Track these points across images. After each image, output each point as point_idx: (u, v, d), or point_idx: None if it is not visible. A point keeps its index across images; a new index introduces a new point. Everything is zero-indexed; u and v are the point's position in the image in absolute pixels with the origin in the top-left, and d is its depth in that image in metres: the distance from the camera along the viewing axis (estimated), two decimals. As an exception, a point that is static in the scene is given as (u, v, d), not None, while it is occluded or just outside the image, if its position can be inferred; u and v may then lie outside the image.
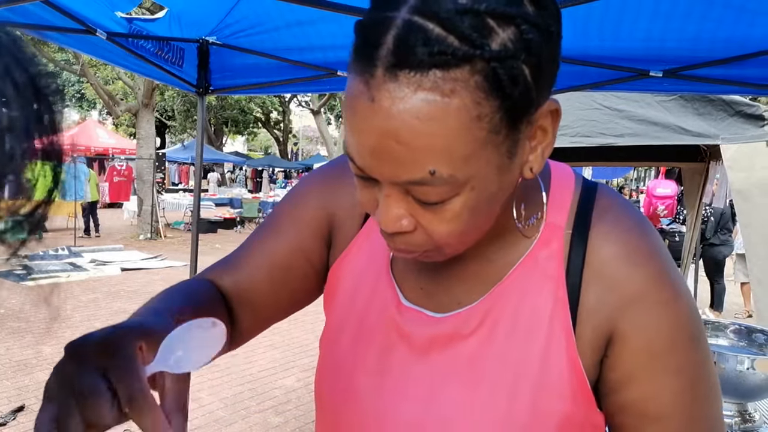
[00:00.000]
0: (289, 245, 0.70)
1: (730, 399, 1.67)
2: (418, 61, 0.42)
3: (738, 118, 3.19)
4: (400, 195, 0.49)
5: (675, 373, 0.56)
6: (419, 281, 0.63)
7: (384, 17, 0.44)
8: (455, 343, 0.59)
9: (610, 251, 0.56)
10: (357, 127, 0.46)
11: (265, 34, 2.68)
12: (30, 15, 2.11)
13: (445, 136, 0.44)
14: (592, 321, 0.56)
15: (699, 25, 2.16)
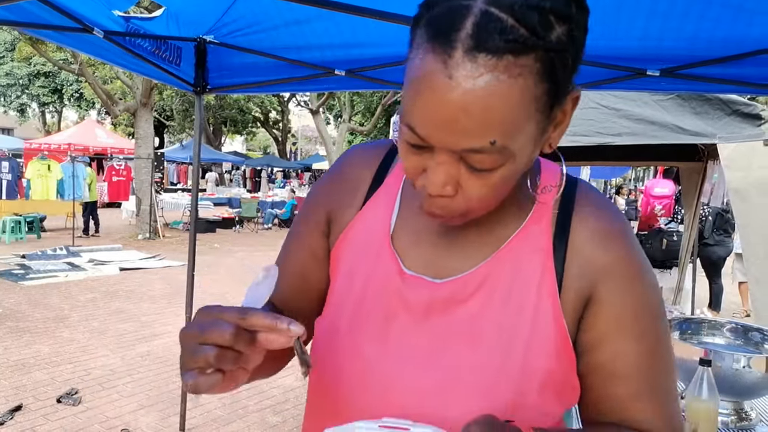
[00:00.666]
0: (302, 251, 0.78)
1: (727, 397, 1.67)
2: (495, 47, 0.50)
3: (735, 117, 3.19)
4: (453, 162, 0.56)
5: (638, 338, 0.66)
6: (420, 252, 0.70)
7: (461, 5, 0.51)
8: (454, 306, 0.66)
9: (588, 232, 0.67)
10: (430, 100, 0.52)
11: (262, 32, 2.67)
12: (27, 14, 2.11)
13: (509, 111, 0.52)
14: (575, 286, 0.65)
15: (696, 24, 2.16)
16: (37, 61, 23.83)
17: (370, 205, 0.74)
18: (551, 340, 0.65)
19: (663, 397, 0.67)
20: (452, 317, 0.66)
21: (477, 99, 0.51)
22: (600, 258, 0.66)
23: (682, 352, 1.70)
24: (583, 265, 0.66)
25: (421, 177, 0.59)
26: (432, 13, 0.53)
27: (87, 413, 3.54)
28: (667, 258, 5.61)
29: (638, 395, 0.66)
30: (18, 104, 27.48)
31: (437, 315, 0.67)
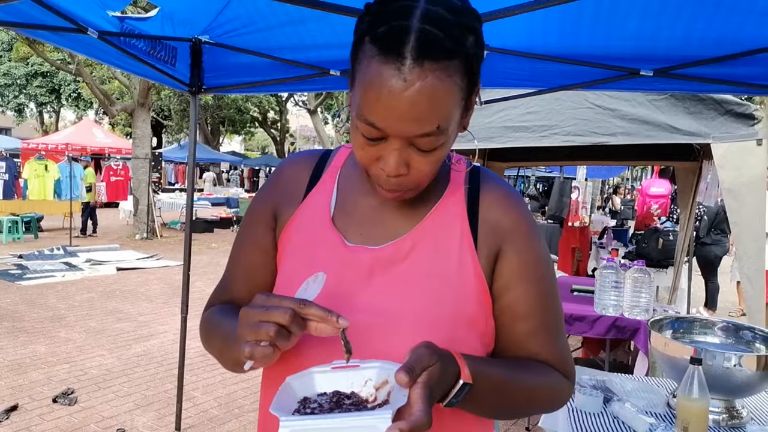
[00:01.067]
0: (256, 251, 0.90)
1: (718, 395, 1.68)
2: (435, 55, 0.65)
3: (728, 117, 3.19)
4: (404, 147, 0.71)
5: (535, 283, 0.83)
6: (358, 228, 0.84)
7: (403, 25, 0.65)
8: (392, 266, 0.80)
9: (493, 201, 0.84)
10: (389, 98, 0.66)
11: (257, 33, 2.67)
12: (21, 14, 2.11)
13: (447, 102, 0.68)
14: (486, 244, 0.82)
15: (689, 24, 2.17)
16: (35, 60, 23.77)
17: (310, 197, 0.88)
18: (474, 288, 0.80)
19: (555, 333, 0.85)
20: (391, 275, 0.79)
21: (426, 94, 0.66)
22: (504, 221, 0.83)
23: (673, 350, 1.71)
24: (492, 227, 0.83)
25: (374, 165, 0.74)
26: (377, 32, 0.67)
27: (83, 413, 3.54)
28: (663, 257, 5.62)
29: (536, 332, 0.83)
30: (15, 104, 27.41)
31: (379, 274, 0.80)
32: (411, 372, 0.62)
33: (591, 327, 3.13)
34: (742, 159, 3.11)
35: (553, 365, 0.83)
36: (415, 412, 0.61)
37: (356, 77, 0.70)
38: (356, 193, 0.86)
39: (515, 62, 2.68)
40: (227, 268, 0.95)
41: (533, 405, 0.83)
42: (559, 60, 2.59)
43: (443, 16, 0.66)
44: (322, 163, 0.91)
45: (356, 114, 0.70)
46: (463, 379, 0.69)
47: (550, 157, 5.64)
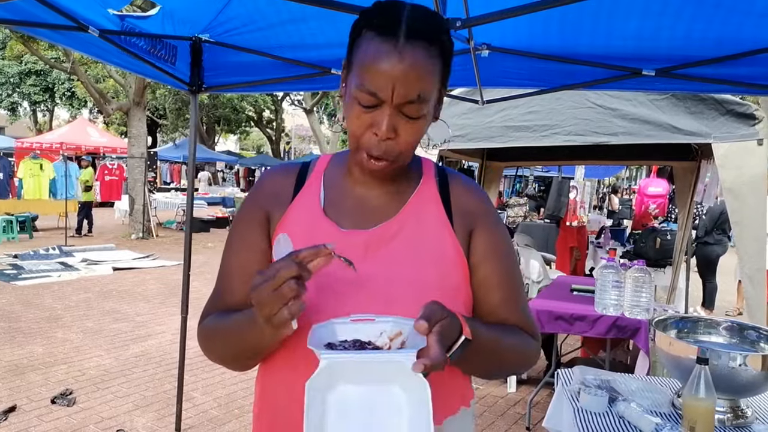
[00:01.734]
0: (251, 252, 0.95)
1: (723, 395, 1.68)
2: (423, 38, 0.82)
3: (729, 117, 3.20)
4: (394, 114, 0.84)
5: (504, 258, 0.98)
6: (350, 216, 0.94)
7: (395, 16, 0.82)
8: (383, 244, 0.91)
9: (462, 189, 0.99)
10: (384, 69, 0.81)
11: (258, 31, 2.66)
12: (22, 12, 2.09)
13: (430, 76, 0.84)
14: (461, 224, 0.95)
15: (690, 24, 2.17)
16: (29, 59, 23.63)
17: (298, 198, 0.97)
18: (454, 260, 0.92)
19: (522, 301, 0.99)
20: (384, 251, 0.90)
21: (414, 66, 0.81)
22: (474, 205, 0.98)
23: (678, 350, 1.71)
24: (464, 210, 0.97)
25: (367, 132, 0.86)
26: (374, 23, 0.83)
27: (81, 414, 3.52)
28: (661, 257, 5.64)
29: (507, 300, 0.96)
30: (9, 103, 27.23)
31: (372, 252, 0.90)
32: (429, 321, 0.72)
33: (592, 326, 3.14)
34: (743, 159, 3.12)
35: (522, 329, 0.97)
36: (433, 352, 0.71)
37: (354, 61, 0.85)
38: (343, 189, 0.97)
39: (516, 62, 2.68)
40: (220, 276, 0.99)
41: (513, 363, 0.97)
42: (560, 59, 2.58)
43: (425, 14, 0.84)
44: (304, 171, 1.01)
45: (356, 86, 0.83)
46: (465, 335, 0.78)
47: (550, 157, 5.65)
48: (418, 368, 0.69)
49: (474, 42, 2.37)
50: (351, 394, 0.73)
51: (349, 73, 0.87)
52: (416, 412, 0.72)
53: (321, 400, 0.72)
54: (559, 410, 2.04)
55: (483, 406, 3.89)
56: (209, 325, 0.94)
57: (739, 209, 3.09)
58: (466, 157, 6.18)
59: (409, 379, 0.71)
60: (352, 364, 0.72)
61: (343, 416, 0.73)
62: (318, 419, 0.71)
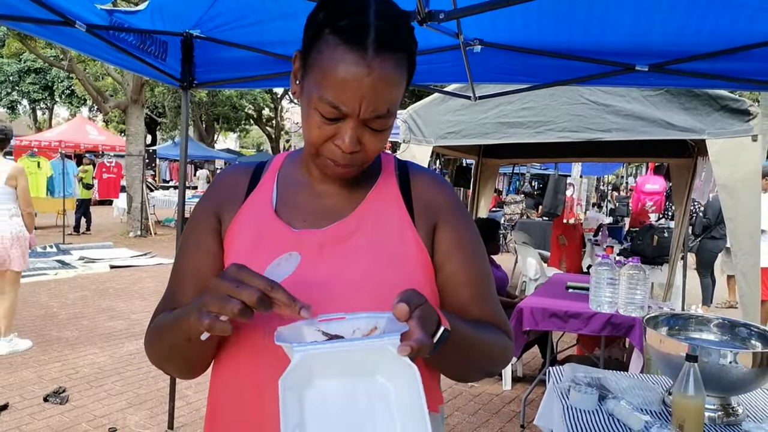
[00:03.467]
0: (201, 254, 0.92)
1: (714, 393, 1.66)
2: (392, 48, 0.76)
3: (724, 113, 3.18)
4: (359, 127, 0.79)
5: (473, 254, 0.93)
6: (302, 216, 0.89)
7: (362, 21, 0.75)
8: (339, 243, 0.86)
9: (425, 183, 0.94)
10: (351, 82, 0.74)
11: (249, 27, 2.64)
12: (7, 6, 2.07)
13: (397, 88, 0.79)
14: (423, 220, 0.90)
15: (683, 19, 2.15)
16: (28, 57, 23.59)
17: (251, 198, 0.93)
18: (417, 258, 0.87)
19: (494, 299, 0.95)
20: (340, 250, 0.85)
21: (385, 80, 0.76)
22: (437, 199, 0.93)
23: (669, 347, 1.69)
24: (426, 205, 0.92)
25: (328, 143, 0.81)
26: (338, 25, 0.75)
27: (74, 412, 3.51)
28: (658, 254, 5.62)
29: (477, 297, 0.91)
30: (8, 101, 27.20)
31: (328, 251, 0.85)
32: (408, 304, 0.67)
33: (586, 324, 3.12)
34: (737, 155, 3.10)
35: (495, 325, 0.92)
36: (417, 334, 0.66)
37: (314, 65, 0.77)
38: (296, 188, 0.93)
39: (509, 57, 2.66)
40: (171, 277, 0.95)
41: (490, 359, 0.91)
42: (553, 55, 2.57)
43: (392, 15, 0.78)
44: (259, 170, 0.97)
45: (317, 97, 0.77)
46: (444, 325, 0.73)
47: (545, 154, 5.64)
48: (404, 351, 0.64)
49: (465, 37, 2.35)
50: (330, 389, 0.67)
51: (307, 73, 0.80)
52: (406, 400, 0.66)
53: (297, 398, 0.66)
54: (550, 408, 2.02)
55: (478, 404, 3.88)
56: (153, 323, 0.91)
57: (733, 206, 3.08)
58: (462, 154, 6.16)
59: (394, 366, 0.66)
60: (329, 355, 0.66)
61: (324, 415, 0.67)
62: (295, 421, 0.64)
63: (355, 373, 0.68)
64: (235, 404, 0.84)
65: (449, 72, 2.88)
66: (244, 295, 0.67)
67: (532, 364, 4.68)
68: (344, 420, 0.67)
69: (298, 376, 0.66)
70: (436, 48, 2.59)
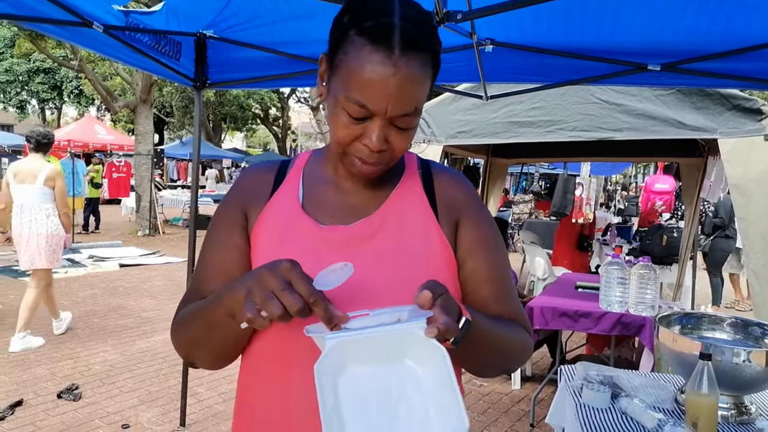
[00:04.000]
0: (228, 249, 0.93)
1: (727, 391, 1.67)
2: (417, 47, 0.77)
3: (736, 112, 3.18)
4: (386, 126, 0.81)
5: (494, 251, 0.94)
6: (328, 213, 0.91)
7: (388, 22, 0.76)
8: (363, 241, 0.88)
9: (447, 182, 0.96)
10: (378, 82, 0.76)
11: (262, 27, 2.66)
12: (26, 7, 2.10)
13: (423, 87, 0.80)
14: (446, 217, 0.92)
15: (695, 18, 2.15)
16: (37, 57, 23.76)
17: (277, 195, 0.94)
18: (441, 254, 0.89)
19: (512, 295, 0.96)
20: (365, 248, 0.87)
21: (409, 79, 0.77)
22: (458, 196, 0.95)
23: (682, 346, 1.70)
24: (449, 203, 0.93)
25: (356, 143, 0.82)
26: (364, 26, 0.77)
27: (87, 408, 3.54)
28: (667, 254, 5.61)
29: (498, 294, 0.93)
30: (18, 101, 27.42)
31: (353, 248, 0.87)
32: (432, 292, 0.69)
33: (596, 323, 3.13)
34: (750, 155, 3.09)
35: (515, 322, 0.94)
36: (442, 319, 0.68)
37: (341, 66, 0.79)
38: (322, 185, 0.94)
39: (521, 57, 2.67)
40: (197, 272, 0.96)
41: (510, 355, 0.92)
42: (564, 54, 2.57)
43: (417, 16, 0.79)
44: (284, 168, 0.99)
45: (345, 97, 0.78)
46: (465, 315, 0.74)
47: (554, 153, 5.63)
48: (432, 332, 0.66)
49: (477, 37, 2.37)
50: (363, 374, 0.70)
51: (333, 75, 0.81)
52: (437, 381, 0.68)
53: (332, 384, 0.68)
54: (561, 406, 2.03)
55: (487, 403, 3.89)
56: (181, 312, 0.92)
57: (745, 205, 3.07)
58: (471, 153, 6.17)
59: (423, 350, 0.68)
60: (360, 342, 0.69)
61: (359, 399, 0.69)
62: (332, 404, 0.67)
63: (386, 358, 0.70)
64: (264, 395, 0.86)
65: (462, 71, 2.90)
66: (287, 301, 0.68)
67: (541, 364, 4.68)
68: (379, 403, 0.70)
69: (332, 363, 0.68)
70: (450, 48, 2.61)
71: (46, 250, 4.54)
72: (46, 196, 4.54)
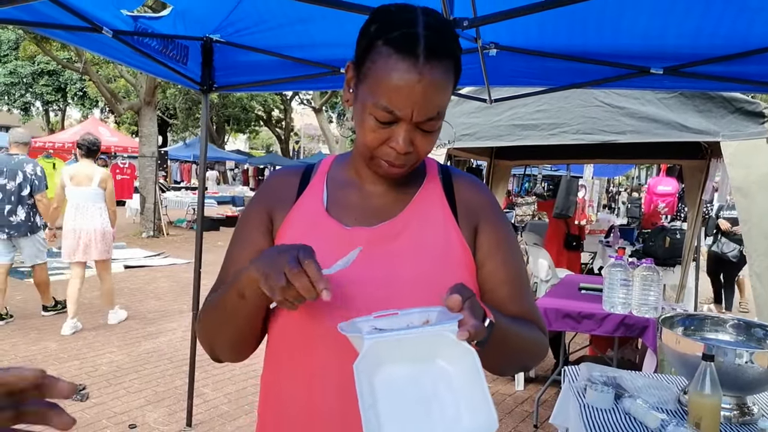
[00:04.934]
0: (251, 250, 0.95)
1: (729, 392, 1.69)
2: (441, 55, 0.82)
3: (738, 115, 3.20)
4: (411, 129, 0.85)
5: (512, 253, 0.98)
6: (353, 216, 0.95)
7: (412, 32, 0.81)
8: (387, 242, 0.91)
9: (466, 186, 1.00)
10: (405, 89, 0.80)
11: (268, 31, 2.69)
12: (38, 13, 2.13)
13: (446, 92, 0.85)
14: (466, 220, 0.96)
15: (699, 22, 2.17)
16: (41, 59, 23.85)
17: (302, 198, 0.98)
18: (461, 256, 0.93)
19: (528, 296, 1.00)
20: (389, 248, 0.91)
21: (433, 86, 0.81)
22: (478, 200, 0.99)
23: (685, 347, 1.71)
24: (468, 206, 0.97)
25: (383, 146, 0.87)
26: (390, 37, 0.81)
27: (95, 409, 3.57)
28: (670, 256, 5.61)
29: (516, 295, 0.97)
30: (22, 103, 27.51)
31: (378, 248, 0.90)
32: (461, 295, 0.73)
33: (599, 325, 3.14)
34: (752, 157, 3.11)
35: (532, 323, 0.97)
36: (472, 322, 0.72)
37: (368, 74, 0.83)
38: (346, 189, 0.98)
39: (525, 60, 2.69)
40: (223, 268, 1.00)
41: (528, 354, 0.96)
42: (568, 58, 2.59)
43: (439, 25, 0.84)
44: (308, 172, 1.02)
45: (373, 103, 0.83)
46: (489, 317, 0.79)
47: (558, 155, 5.65)
48: (463, 335, 0.70)
49: (482, 41, 2.39)
50: (397, 373, 0.74)
51: (360, 82, 0.86)
52: (467, 380, 0.72)
53: (369, 382, 0.72)
54: (565, 407, 2.05)
55: (491, 404, 3.90)
56: (202, 307, 0.97)
57: (748, 208, 3.09)
58: (474, 155, 6.19)
59: (454, 351, 0.72)
60: (396, 343, 0.72)
61: (394, 396, 0.73)
62: (369, 402, 0.71)
63: (419, 358, 0.74)
64: (289, 388, 0.90)
65: (466, 75, 2.89)
66: (304, 291, 0.73)
67: (544, 365, 4.70)
68: (413, 401, 0.73)
69: (369, 362, 0.72)
70: (453, 52, 2.63)
71: (102, 243, 5.21)
72: (98, 196, 5.19)
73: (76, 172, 5.16)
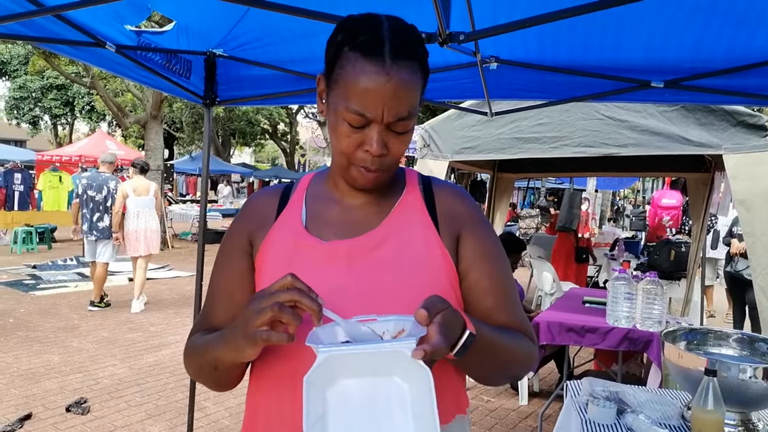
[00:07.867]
0: (233, 276, 0.98)
1: (733, 408, 1.66)
2: (407, 56, 0.84)
3: (740, 128, 3.19)
4: (384, 131, 0.86)
5: (495, 262, 0.97)
6: (332, 229, 0.95)
7: (379, 35, 0.83)
8: (367, 253, 0.91)
9: (448, 195, 1.00)
10: (374, 90, 0.82)
11: (270, 46, 2.71)
12: (41, 29, 2.16)
13: (415, 92, 0.86)
14: (447, 230, 0.95)
15: (699, 35, 2.17)
16: (50, 74, 24.14)
17: (281, 218, 0.98)
18: (442, 266, 0.92)
19: (517, 306, 0.99)
20: (369, 260, 0.90)
21: (402, 85, 0.83)
22: (459, 210, 0.98)
23: (687, 362, 1.69)
24: (450, 216, 0.97)
25: (358, 150, 0.88)
26: (357, 42, 0.83)
27: (95, 422, 3.56)
28: (675, 269, 5.58)
29: (501, 304, 0.96)
30: (30, 116, 27.82)
31: (357, 261, 0.91)
32: (429, 310, 0.72)
33: (603, 339, 3.12)
34: (755, 170, 3.09)
35: (519, 331, 0.96)
36: (434, 339, 0.70)
37: (338, 80, 0.85)
38: (325, 204, 0.98)
39: (525, 74, 2.70)
40: (207, 297, 1.02)
41: (514, 363, 0.95)
42: (569, 72, 2.60)
43: (403, 29, 0.86)
44: (287, 191, 1.03)
45: (344, 108, 0.84)
46: (469, 329, 0.78)
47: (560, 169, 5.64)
48: (418, 354, 0.68)
49: (481, 55, 2.40)
50: (351, 387, 0.73)
51: (331, 90, 0.88)
52: (420, 402, 0.71)
53: (320, 395, 0.71)
54: (567, 422, 2.03)
55: (494, 419, 3.86)
56: (192, 341, 0.97)
57: (751, 220, 3.06)
58: (477, 168, 6.19)
59: (411, 369, 0.71)
60: (351, 356, 0.72)
61: (345, 411, 0.72)
62: (317, 414, 0.70)
63: (375, 374, 0.73)
64: (273, 402, 0.90)
65: (466, 89, 2.92)
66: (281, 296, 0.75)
67: (548, 380, 4.66)
68: (363, 416, 0.72)
69: (322, 375, 0.71)
70: (454, 65, 2.64)
71: (155, 239, 6.58)
72: (152, 204, 6.60)
73: (136, 186, 6.51)
